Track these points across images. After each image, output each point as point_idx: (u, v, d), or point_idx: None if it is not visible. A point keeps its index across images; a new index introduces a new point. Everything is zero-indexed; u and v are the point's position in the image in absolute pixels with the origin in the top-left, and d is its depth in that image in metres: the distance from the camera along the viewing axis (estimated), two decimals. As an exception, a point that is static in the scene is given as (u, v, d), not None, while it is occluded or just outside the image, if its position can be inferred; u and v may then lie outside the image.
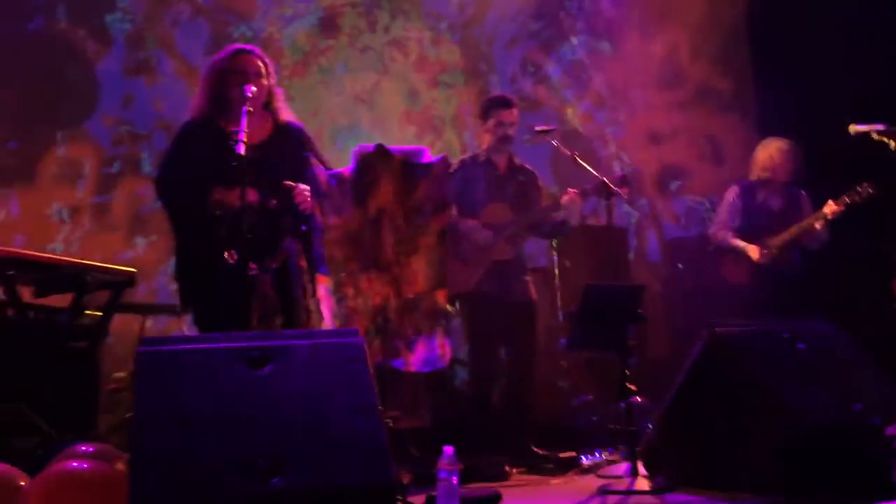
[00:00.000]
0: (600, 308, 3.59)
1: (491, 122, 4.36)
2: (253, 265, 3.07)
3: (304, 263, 3.14)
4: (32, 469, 2.55)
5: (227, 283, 3.12)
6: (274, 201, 3.01)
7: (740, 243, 5.01)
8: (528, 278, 4.41)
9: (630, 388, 3.58)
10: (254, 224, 3.06)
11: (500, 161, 4.42)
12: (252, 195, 3.11)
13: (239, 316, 3.07)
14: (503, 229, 4.27)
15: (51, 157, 5.48)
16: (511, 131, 4.35)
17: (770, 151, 5.10)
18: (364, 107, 6.37)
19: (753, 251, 4.93)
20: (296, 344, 2.49)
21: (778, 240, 4.92)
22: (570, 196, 4.19)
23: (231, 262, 3.08)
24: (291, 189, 3.12)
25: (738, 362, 3.20)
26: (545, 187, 4.52)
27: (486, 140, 4.42)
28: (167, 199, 3.34)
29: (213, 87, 3.39)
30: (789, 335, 3.32)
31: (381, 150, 3.12)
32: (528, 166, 4.53)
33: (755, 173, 5.15)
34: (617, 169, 6.72)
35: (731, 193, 5.20)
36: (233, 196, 3.11)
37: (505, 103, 4.40)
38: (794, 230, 4.90)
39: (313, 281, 3.18)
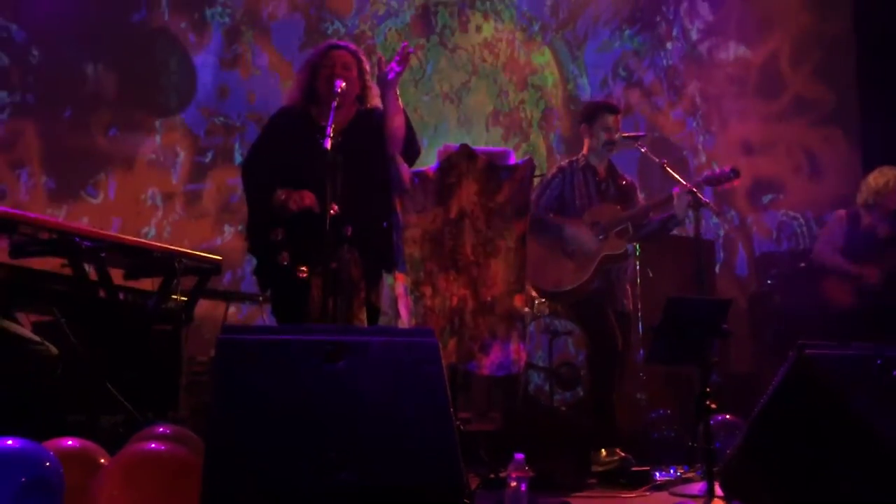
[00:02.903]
0: (683, 321, 3.46)
1: (597, 125, 4.30)
2: (304, 268, 3.12)
3: (357, 274, 3.15)
4: (114, 447, 2.62)
5: (284, 282, 3.20)
6: (335, 207, 3.02)
7: (854, 267, 4.86)
8: (628, 287, 4.35)
9: (710, 406, 3.45)
10: (309, 230, 3.11)
11: (600, 166, 4.36)
12: (311, 199, 3.16)
13: (295, 315, 3.14)
14: (614, 225, 4.22)
15: (148, 145, 5.66)
16: (616, 137, 4.29)
17: (888, 177, 4.98)
18: (452, 106, 6.38)
19: (871, 274, 4.80)
20: (371, 340, 2.48)
21: (882, 265, 4.79)
22: (680, 190, 4.09)
23: (283, 263, 3.16)
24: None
25: (828, 387, 3.05)
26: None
27: (587, 144, 4.37)
28: (245, 188, 3.41)
29: (306, 80, 3.43)
30: (882, 361, 3.14)
31: (465, 151, 3.10)
32: (627, 175, 4.46)
33: (865, 197, 5.01)
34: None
35: (838, 216, 5.10)
36: (296, 198, 3.16)
37: (612, 109, 4.35)
38: None
39: (387, 277, 3.20)
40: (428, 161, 4.33)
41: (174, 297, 3.73)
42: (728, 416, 4.25)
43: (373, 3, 6.22)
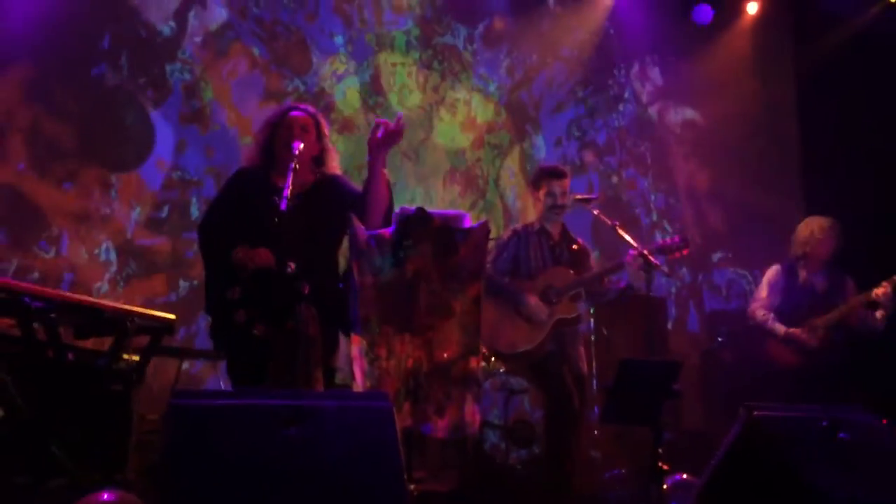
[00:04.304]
0: (635, 383, 3.52)
1: (542, 191, 4.38)
2: (260, 327, 3.10)
3: (314, 332, 3.14)
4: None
5: (240, 341, 3.17)
6: (292, 265, 3.01)
7: (781, 328, 4.87)
8: (582, 349, 4.39)
9: (663, 468, 3.47)
10: (266, 287, 3.10)
11: (554, 230, 4.43)
12: (268, 257, 3.15)
13: (251, 375, 3.11)
14: (568, 289, 4.25)
15: (104, 200, 5.59)
16: (562, 201, 4.36)
17: (812, 228, 5.00)
18: (410, 164, 6.43)
19: (800, 333, 4.80)
20: (325, 405, 2.46)
21: (824, 320, 4.80)
22: (633, 256, 4.16)
23: (239, 321, 3.14)
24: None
25: (776, 449, 3.08)
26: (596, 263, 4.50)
27: (538, 208, 4.43)
28: (201, 246, 3.39)
29: (265, 141, 3.45)
30: (829, 423, 3.20)
31: (422, 214, 3.12)
32: (580, 240, 4.53)
33: (796, 249, 5.05)
34: (658, 238, 6.66)
35: (773, 271, 5.10)
36: (253, 256, 3.15)
37: (556, 174, 4.43)
38: (842, 309, 4.77)
39: (344, 339, 3.18)
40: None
41: (125, 356, 3.66)
42: (683, 476, 4.27)
43: (332, 62, 6.30)
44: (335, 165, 3.48)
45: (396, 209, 3.22)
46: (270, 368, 3.08)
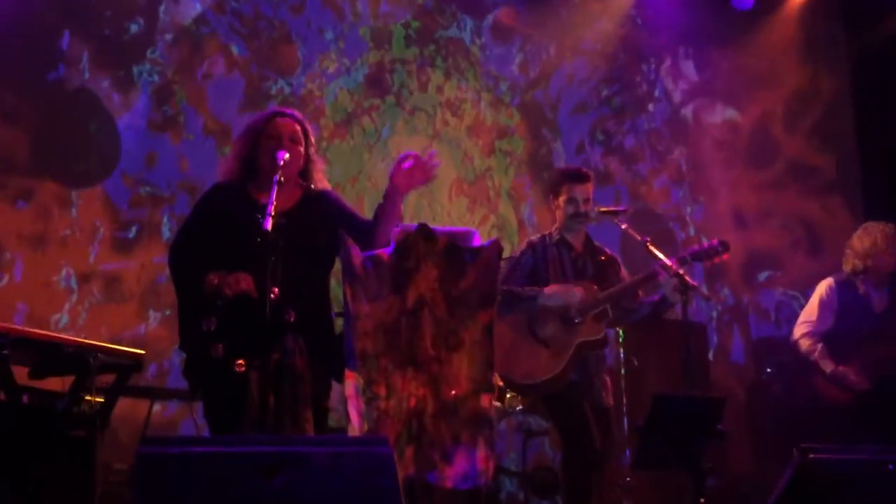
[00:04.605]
0: (672, 422, 3.51)
1: (562, 197, 4.38)
2: (241, 361, 3.09)
3: (302, 366, 3.13)
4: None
5: (218, 379, 3.16)
6: (275, 290, 3.01)
7: (829, 365, 4.80)
8: (607, 378, 4.36)
9: (705, 519, 3.46)
10: (247, 317, 3.10)
11: (576, 241, 4.42)
12: (248, 282, 3.15)
13: (231, 418, 3.10)
14: (592, 307, 4.23)
15: (62, 219, 5.62)
16: (585, 208, 4.36)
17: (874, 236, 4.92)
18: (411, 174, 6.45)
19: (850, 375, 4.73)
20: (315, 451, 2.46)
21: (880, 353, 4.75)
22: (662, 272, 4.14)
23: (217, 356, 3.13)
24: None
25: (835, 495, 3.07)
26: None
27: (558, 217, 4.43)
28: (173, 272, 3.40)
29: (245, 151, 3.46)
30: (894, 466, 3.18)
31: (424, 231, 3.13)
32: (607, 250, 4.51)
33: (852, 262, 4.97)
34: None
35: (825, 287, 5.02)
36: (230, 281, 3.15)
37: (578, 177, 4.42)
38: None
39: (337, 379, 3.18)
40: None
41: (88, 398, 3.66)
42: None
43: (321, 61, 6.34)
44: (321, 178, 3.50)
45: (396, 226, 3.23)
46: (251, 410, 3.08)
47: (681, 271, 4.14)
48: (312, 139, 3.51)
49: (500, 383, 4.68)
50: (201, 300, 3.21)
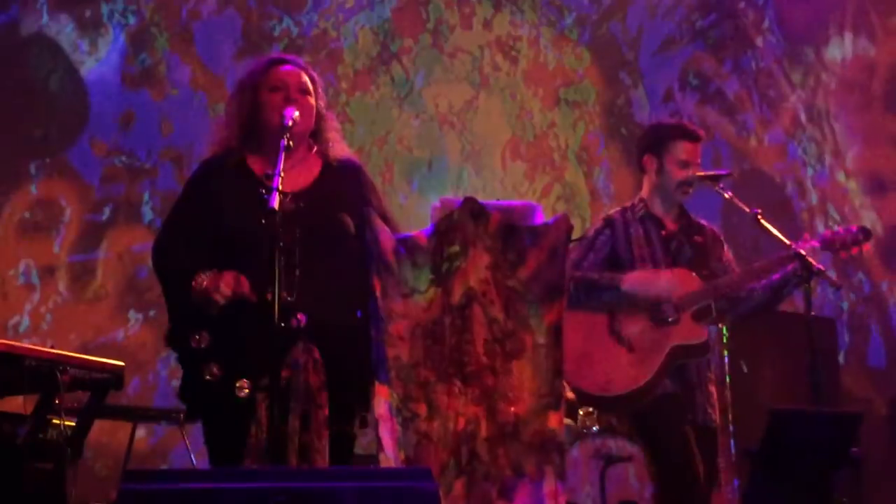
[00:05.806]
0: (794, 444, 3.50)
1: (667, 158, 4.36)
2: (244, 383, 3.12)
3: (315, 380, 3.16)
4: None
5: (217, 405, 3.19)
6: (283, 294, 3.02)
7: None
8: (712, 389, 4.35)
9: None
10: (247, 327, 3.11)
11: (668, 216, 4.41)
12: (242, 283, 3.16)
13: (236, 448, 3.13)
14: (690, 302, 4.23)
15: (19, 198, 5.70)
16: (693, 175, 4.34)
17: None
18: (453, 133, 6.46)
19: None
20: (338, 487, 2.48)
21: None
22: (801, 246, 4.13)
23: (213, 378, 3.16)
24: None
25: None
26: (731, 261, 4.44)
27: (650, 184, 4.42)
28: (158, 272, 3.43)
29: (242, 112, 3.47)
30: None
31: (472, 207, 3.12)
32: (708, 226, 4.49)
33: None
34: (821, 229, 6.60)
35: None
36: (222, 284, 3.18)
37: (689, 134, 4.41)
38: None
39: (363, 396, 3.20)
40: (418, 220, 4.36)
41: (56, 421, 3.72)
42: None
43: (337, -7, 6.37)
44: (338, 139, 3.49)
45: (436, 200, 3.23)
46: (258, 437, 3.10)
47: (802, 252, 4.11)
48: (321, 90, 3.51)
49: (572, 396, 4.67)
50: (192, 309, 3.24)
